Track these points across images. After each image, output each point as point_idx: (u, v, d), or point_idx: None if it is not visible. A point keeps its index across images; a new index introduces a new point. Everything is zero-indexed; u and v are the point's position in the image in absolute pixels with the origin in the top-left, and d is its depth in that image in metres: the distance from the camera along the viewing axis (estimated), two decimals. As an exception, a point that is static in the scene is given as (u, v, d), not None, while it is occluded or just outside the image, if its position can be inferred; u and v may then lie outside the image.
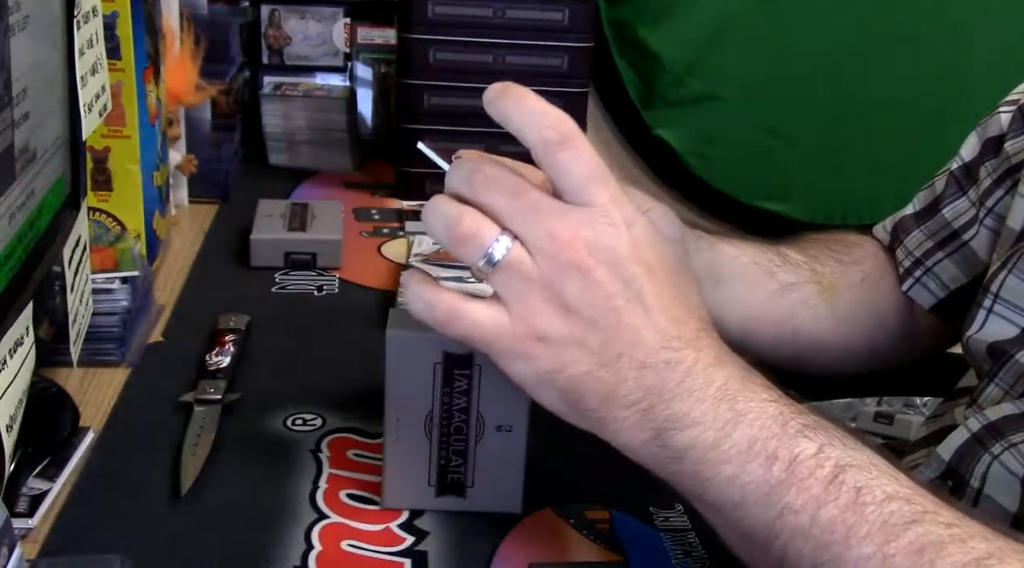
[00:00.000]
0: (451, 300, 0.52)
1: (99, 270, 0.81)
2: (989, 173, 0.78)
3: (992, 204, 0.77)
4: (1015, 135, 0.77)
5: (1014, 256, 0.70)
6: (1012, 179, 0.76)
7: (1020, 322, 0.68)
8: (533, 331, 0.50)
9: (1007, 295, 0.69)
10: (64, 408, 0.71)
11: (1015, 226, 0.72)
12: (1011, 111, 0.78)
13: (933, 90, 1.60)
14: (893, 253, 0.85)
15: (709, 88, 1.63)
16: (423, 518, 0.63)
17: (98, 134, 0.88)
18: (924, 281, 0.82)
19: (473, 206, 0.51)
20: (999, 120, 0.79)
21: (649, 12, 1.58)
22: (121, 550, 0.56)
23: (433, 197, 0.52)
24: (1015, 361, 0.67)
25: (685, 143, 1.67)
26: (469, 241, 0.50)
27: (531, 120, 0.50)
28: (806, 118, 1.66)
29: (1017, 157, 0.76)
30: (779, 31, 1.60)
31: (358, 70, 1.47)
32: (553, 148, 0.50)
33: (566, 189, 0.50)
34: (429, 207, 0.52)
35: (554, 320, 0.50)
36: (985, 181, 0.78)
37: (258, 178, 1.27)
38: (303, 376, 0.80)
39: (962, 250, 0.80)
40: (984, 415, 0.68)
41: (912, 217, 0.84)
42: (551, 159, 0.50)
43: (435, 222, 0.51)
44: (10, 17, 0.55)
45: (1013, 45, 1.56)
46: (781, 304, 0.83)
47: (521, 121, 0.50)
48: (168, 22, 1.06)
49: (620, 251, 0.50)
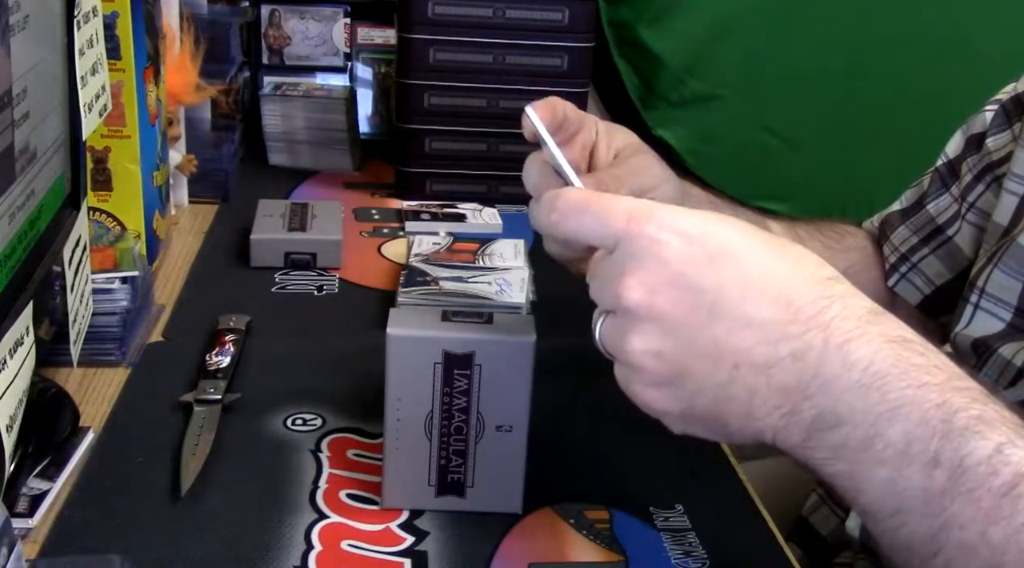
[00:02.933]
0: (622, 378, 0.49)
1: (99, 270, 0.80)
2: (970, 169, 0.79)
3: (973, 199, 0.78)
4: (996, 131, 0.77)
5: (1000, 251, 0.70)
6: (992, 175, 0.77)
7: (1005, 316, 0.69)
8: (644, 381, 0.48)
9: (992, 290, 0.70)
10: (64, 408, 0.71)
11: (1001, 221, 0.73)
12: (995, 109, 0.79)
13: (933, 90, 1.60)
14: (881, 247, 0.86)
15: (709, 88, 1.63)
16: (423, 518, 0.63)
17: (98, 134, 0.88)
18: (910, 277, 0.82)
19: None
20: (983, 118, 0.80)
21: (649, 12, 1.58)
22: (121, 550, 0.56)
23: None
24: (998, 355, 0.68)
25: (685, 143, 1.67)
26: (596, 334, 0.49)
27: (536, 218, 0.51)
28: (806, 118, 1.66)
29: (998, 153, 0.77)
30: (779, 31, 1.60)
31: (358, 70, 1.47)
32: (559, 226, 0.50)
33: (596, 242, 0.49)
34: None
35: (653, 365, 0.47)
36: (966, 177, 0.79)
37: (258, 178, 1.27)
38: (303, 376, 0.80)
39: (946, 245, 0.80)
40: None
41: (899, 213, 0.85)
42: (564, 233, 0.50)
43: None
44: (10, 17, 0.55)
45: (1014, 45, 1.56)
46: None
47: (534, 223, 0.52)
48: (168, 22, 1.06)
49: (673, 264, 0.46)
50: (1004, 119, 0.77)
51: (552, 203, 0.50)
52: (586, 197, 0.50)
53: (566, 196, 0.50)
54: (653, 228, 0.46)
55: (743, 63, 1.62)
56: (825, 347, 0.44)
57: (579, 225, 0.49)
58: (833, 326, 0.44)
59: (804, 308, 0.44)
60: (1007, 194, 0.72)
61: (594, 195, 0.50)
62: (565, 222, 0.50)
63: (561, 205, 0.50)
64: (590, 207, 0.49)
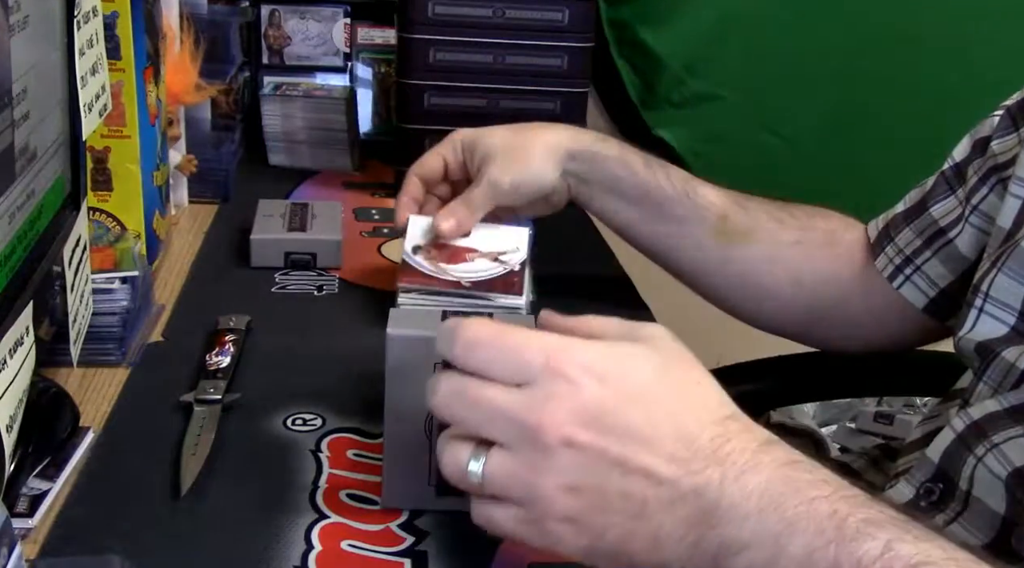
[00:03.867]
0: (477, 511, 0.52)
1: (99, 270, 0.80)
2: (975, 172, 0.79)
3: (977, 201, 0.78)
4: (1002, 135, 0.77)
5: (1004, 254, 0.70)
6: (996, 177, 0.77)
7: (1009, 320, 0.69)
8: (554, 517, 0.49)
9: (997, 294, 0.70)
10: (64, 408, 0.71)
11: (1005, 224, 0.72)
12: (1001, 113, 0.79)
13: (933, 91, 1.60)
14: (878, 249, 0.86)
15: (709, 88, 1.63)
16: (423, 518, 0.63)
17: (98, 134, 0.88)
18: (914, 280, 0.82)
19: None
20: (991, 122, 0.80)
21: (649, 12, 1.58)
22: (121, 550, 0.56)
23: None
24: (1001, 358, 0.68)
25: (685, 143, 1.67)
26: (457, 474, 0.51)
27: (440, 347, 0.51)
28: (806, 118, 1.66)
29: (1003, 156, 0.77)
30: (779, 31, 1.60)
31: (358, 70, 1.47)
32: (464, 358, 0.50)
33: (507, 378, 0.49)
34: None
35: (566, 500, 0.49)
36: (971, 179, 0.79)
37: (258, 178, 1.27)
38: (303, 376, 0.80)
39: (948, 248, 0.80)
40: (968, 414, 0.68)
41: (902, 215, 0.85)
42: (471, 366, 0.50)
43: (441, 468, 0.52)
44: (10, 17, 0.55)
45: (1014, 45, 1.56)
46: (656, 230, 0.88)
47: (439, 350, 0.52)
48: (168, 22, 1.06)
49: (588, 403, 0.48)
50: (1010, 122, 0.77)
51: (456, 334, 0.50)
52: (493, 331, 0.50)
53: (472, 329, 0.50)
54: (571, 369, 0.48)
55: (743, 63, 1.62)
56: (723, 480, 0.47)
57: (489, 360, 0.50)
58: (729, 461, 0.48)
59: (703, 446, 0.48)
60: (1011, 197, 0.72)
61: (501, 329, 0.50)
62: (472, 355, 0.50)
63: (468, 337, 0.50)
64: (500, 341, 0.50)
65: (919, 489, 0.71)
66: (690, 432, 0.48)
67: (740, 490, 0.47)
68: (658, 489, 0.48)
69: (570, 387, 0.48)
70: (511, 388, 0.49)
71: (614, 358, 0.50)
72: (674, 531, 0.48)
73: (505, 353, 0.49)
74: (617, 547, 0.49)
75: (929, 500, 0.70)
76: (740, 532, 0.46)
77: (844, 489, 0.47)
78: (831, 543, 0.45)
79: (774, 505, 0.46)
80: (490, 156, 0.88)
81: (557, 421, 0.48)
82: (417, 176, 0.91)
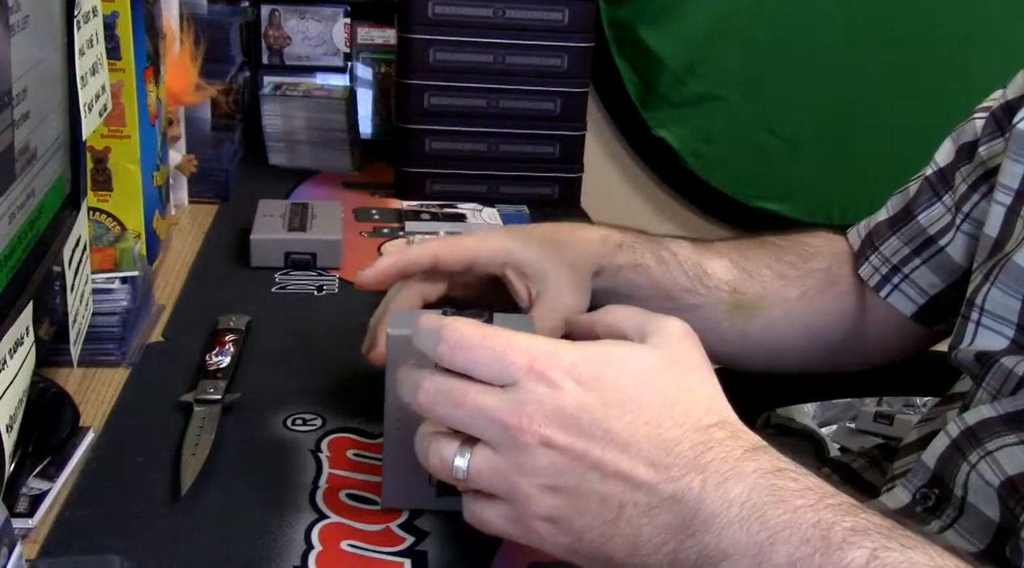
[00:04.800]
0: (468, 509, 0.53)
1: (99, 270, 0.80)
2: (964, 178, 0.78)
3: (969, 209, 0.77)
4: (989, 139, 0.77)
5: (995, 268, 0.70)
6: (988, 184, 0.76)
7: (1008, 334, 0.68)
8: (535, 515, 0.50)
9: (992, 308, 0.69)
10: (64, 408, 0.71)
11: (991, 233, 0.72)
12: (985, 116, 0.78)
13: (933, 90, 1.60)
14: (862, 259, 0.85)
15: (709, 88, 1.64)
16: (423, 518, 0.63)
17: (98, 134, 0.88)
18: (902, 288, 0.82)
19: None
20: (974, 126, 0.79)
21: (649, 12, 1.59)
22: (121, 550, 0.56)
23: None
24: (1000, 365, 0.67)
25: (685, 143, 1.67)
26: (441, 469, 0.52)
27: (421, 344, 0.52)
28: (806, 118, 1.66)
29: (992, 161, 0.76)
30: (779, 31, 1.60)
31: (358, 70, 1.47)
32: (449, 358, 0.50)
33: (490, 379, 0.50)
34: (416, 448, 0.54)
35: (546, 500, 0.49)
36: (960, 186, 0.78)
37: (258, 178, 1.27)
38: (303, 376, 0.80)
39: (938, 256, 0.80)
40: (963, 419, 0.68)
41: (886, 223, 0.84)
42: (456, 366, 0.50)
43: (423, 461, 0.53)
44: (10, 17, 0.55)
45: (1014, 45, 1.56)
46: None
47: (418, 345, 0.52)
48: (168, 22, 1.06)
49: (568, 407, 0.48)
50: (995, 127, 0.77)
51: (439, 334, 0.51)
52: (479, 332, 0.51)
53: (456, 328, 0.51)
54: (554, 372, 0.49)
55: (743, 63, 1.62)
56: (703, 488, 0.47)
57: (474, 360, 0.50)
58: (711, 469, 0.47)
59: (683, 453, 0.48)
60: (995, 205, 0.72)
61: (486, 330, 0.51)
62: (457, 355, 0.50)
63: (451, 337, 0.50)
64: (486, 342, 0.50)
65: (915, 494, 0.70)
66: (670, 438, 0.48)
67: (721, 498, 0.46)
68: (635, 494, 0.48)
69: (551, 390, 0.49)
70: (495, 389, 0.50)
71: (599, 362, 0.50)
72: (652, 538, 0.48)
73: (490, 354, 0.50)
74: (597, 550, 0.49)
75: (925, 505, 0.70)
76: (720, 541, 0.46)
77: (830, 497, 0.46)
78: (816, 552, 0.44)
79: (757, 514, 0.46)
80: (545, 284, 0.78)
81: (536, 422, 0.48)
82: (399, 267, 0.79)
